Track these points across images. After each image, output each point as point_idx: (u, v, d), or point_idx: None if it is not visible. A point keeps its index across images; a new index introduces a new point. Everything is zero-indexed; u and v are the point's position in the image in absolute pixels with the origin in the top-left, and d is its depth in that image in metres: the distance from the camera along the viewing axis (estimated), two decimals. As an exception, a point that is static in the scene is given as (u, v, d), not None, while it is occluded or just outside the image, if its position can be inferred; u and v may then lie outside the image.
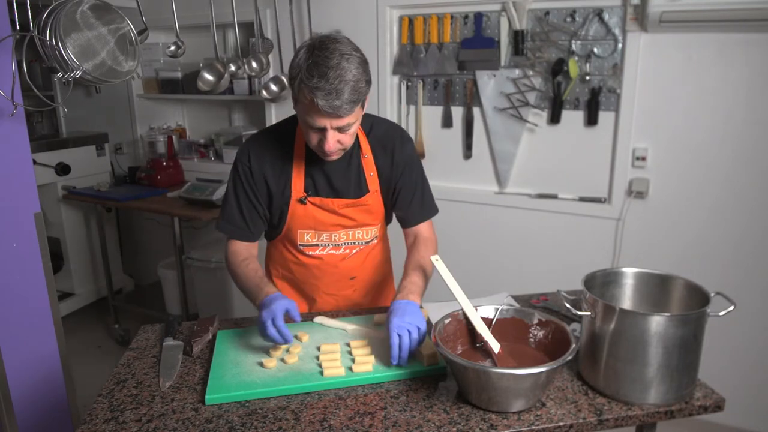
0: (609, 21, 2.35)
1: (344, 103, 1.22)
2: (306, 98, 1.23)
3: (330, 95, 1.20)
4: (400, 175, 1.51)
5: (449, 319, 1.23)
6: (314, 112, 1.24)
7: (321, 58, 1.20)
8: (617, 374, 1.12)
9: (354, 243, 1.56)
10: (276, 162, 1.46)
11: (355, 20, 2.80)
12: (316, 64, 1.20)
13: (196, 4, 2.88)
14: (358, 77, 1.23)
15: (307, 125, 1.30)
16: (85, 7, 1.63)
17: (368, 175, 1.49)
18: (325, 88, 1.19)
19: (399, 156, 1.50)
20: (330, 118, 1.25)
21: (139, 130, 3.63)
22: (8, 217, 1.84)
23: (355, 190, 1.49)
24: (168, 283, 3.28)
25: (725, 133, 2.25)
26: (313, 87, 1.20)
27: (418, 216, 1.55)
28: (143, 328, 1.48)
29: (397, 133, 1.52)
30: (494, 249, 2.80)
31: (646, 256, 2.44)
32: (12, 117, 1.70)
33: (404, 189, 1.52)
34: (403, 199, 1.53)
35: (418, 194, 1.54)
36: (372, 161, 1.49)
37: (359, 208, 1.50)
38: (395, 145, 1.50)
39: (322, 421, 1.08)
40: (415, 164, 1.54)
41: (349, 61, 1.22)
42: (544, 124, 2.58)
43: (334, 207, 1.47)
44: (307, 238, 1.53)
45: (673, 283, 1.25)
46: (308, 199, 1.46)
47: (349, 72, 1.21)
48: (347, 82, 1.21)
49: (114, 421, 1.09)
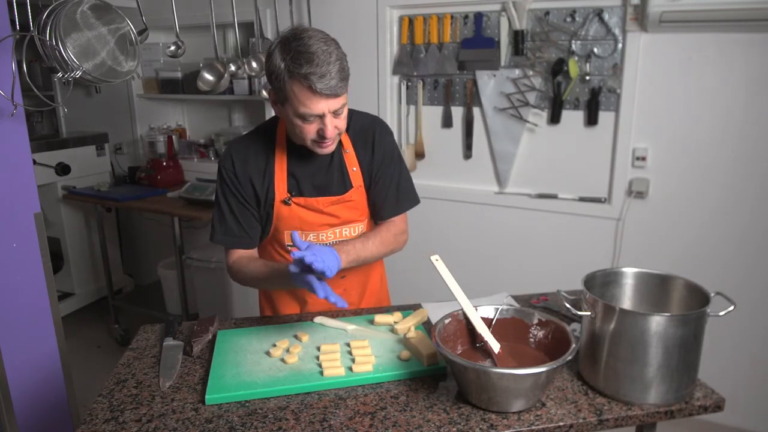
0: (609, 21, 2.35)
1: (338, 81, 1.25)
2: (299, 88, 1.25)
3: (324, 77, 1.23)
4: (379, 167, 1.51)
5: (449, 319, 1.23)
6: (310, 99, 1.26)
7: (302, 47, 1.23)
8: (617, 374, 1.12)
9: (341, 241, 1.55)
10: (259, 164, 1.46)
11: (355, 20, 2.81)
12: (299, 53, 1.23)
13: (196, 4, 2.88)
14: (341, 56, 1.28)
15: (302, 119, 1.30)
16: (85, 7, 1.63)
17: (351, 170, 1.49)
18: (318, 72, 1.22)
19: (378, 148, 1.50)
20: (328, 100, 1.26)
21: (139, 130, 3.63)
22: (8, 217, 1.84)
23: (339, 186, 1.49)
24: (168, 283, 3.28)
25: (725, 133, 2.25)
26: (307, 73, 1.22)
27: (391, 210, 1.55)
28: (143, 328, 1.48)
29: (377, 125, 1.53)
30: (494, 249, 2.80)
31: (646, 256, 2.44)
32: (12, 117, 1.70)
33: (380, 182, 1.52)
34: (378, 192, 1.52)
35: (393, 188, 1.53)
36: (354, 156, 1.49)
37: (344, 205, 1.50)
38: (375, 137, 1.50)
39: (322, 421, 1.08)
40: (393, 157, 1.54)
41: (327, 44, 1.26)
42: (544, 124, 2.58)
43: (319, 206, 1.47)
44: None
45: (673, 283, 1.25)
46: (292, 199, 1.46)
47: (332, 54, 1.25)
48: (334, 62, 1.25)
49: (114, 421, 1.09)
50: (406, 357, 1.26)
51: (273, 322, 1.50)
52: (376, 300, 1.71)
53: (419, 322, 1.42)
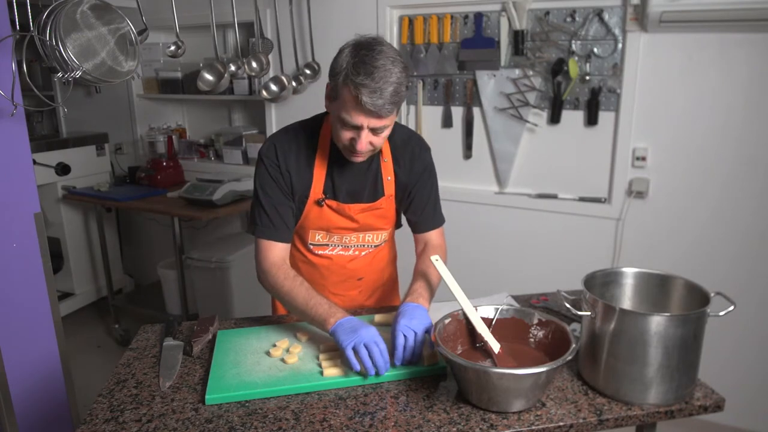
0: (609, 21, 2.35)
1: (386, 102, 1.24)
2: (348, 94, 1.24)
3: (374, 93, 1.22)
4: (416, 182, 1.52)
5: (449, 319, 1.23)
6: (354, 109, 1.25)
7: (368, 58, 1.23)
8: (617, 374, 1.12)
9: (363, 246, 1.57)
10: (300, 160, 1.45)
11: (355, 20, 2.80)
12: (363, 62, 1.22)
13: (196, 4, 2.87)
14: (401, 81, 1.25)
15: (342, 122, 1.30)
16: (85, 7, 1.62)
17: (386, 179, 1.50)
18: (371, 86, 1.21)
19: (418, 163, 1.51)
20: (369, 117, 1.26)
21: (139, 130, 3.63)
22: (8, 217, 1.84)
23: (371, 193, 1.49)
24: (168, 283, 3.28)
25: (725, 133, 2.25)
26: (359, 84, 1.21)
27: (431, 223, 1.57)
28: (143, 328, 1.48)
29: (418, 141, 1.54)
30: (494, 249, 2.80)
31: (646, 256, 2.44)
32: (12, 117, 1.70)
33: (419, 196, 1.53)
34: (417, 205, 1.54)
35: (431, 203, 1.56)
36: (391, 165, 1.50)
37: (373, 212, 1.50)
38: (414, 152, 1.51)
39: (322, 421, 1.08)
40: (432, 173, 1.56)
41: (394, 64, 1.24)
42: (544, 124, 2.58)
43: (350, 212, 1.48)
44: (318, 238, 1.53)
45: (673, 283, 1.25)
46: (325, 201, 1.47)
47: (393, 74, 1.23)
48: (391, 83, 1.23)
49: (114, 421, 1.09)
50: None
51: (273, 322, 1.50)
52: (387, 300, 1.73)
53: (419, 322, 1.42)
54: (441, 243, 1.58)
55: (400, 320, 1.24)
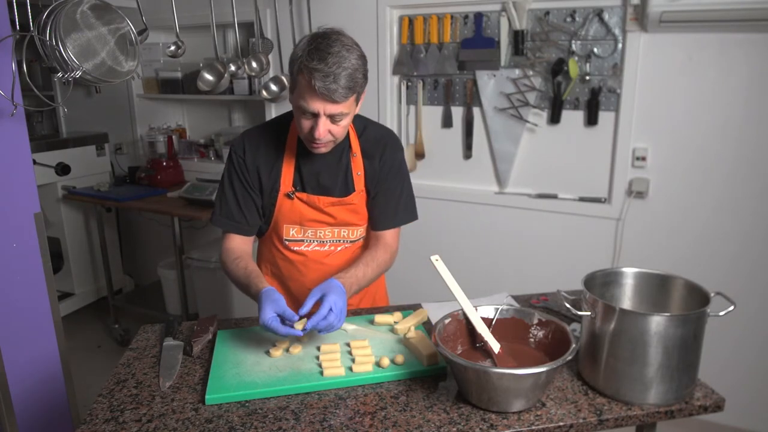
0: (609, 21, 2.35)
1: (340, 87, 1.25)
2: (304, 81, 1.27)
3: (327, 77, 1.24)
4: (383, 179, 1.53)
5: (449, 319, 1.23)
6: (309, 94, 1.27)
7: (323, 45, 1.25)
8: (617, 374, 1.12)
9: (339, 241, 1.57)
10: (269, 155, 1.48)
11: (355, 20, 2.80)
12: (317, 49, 1.25)
13: (196, 4, 2.88)
14: (356, 67, 1.28)
15: (300, 111, 1.32)
16: (85, 7, 1.62)
17: (355, 174, 1.51)
18: (323, 71, 1.23)
19: (387, 161, 1.52)
20: (324, 102, 1.27)
21: (139, 130, 3.63)
22: (8, 217, 1.84)
23: (342, 188, 1.51)
24: (168, 283, 3.28)
25: (725, 133, 2.25)
26: (312, 68, 1.24)
27: (387, 222, 1.57)
28: (143, 328, 1.48)
29: (390, 139, 1.55)
30: (494, 249, 2.80)
31: (646, 256, 2.44)
32: (12, 117, 1.70)
33: (382, 194, 1.54)
34: (379, 203, 1.54)
35: (393, 203, 1.55)
36: (360, 160, 1.51)
37: (345, 207, 1.51)
38: (385, 150, 1.52)
39: (322, 421, 1.08)
40: (400, 173, 1.55)
41: (349, 51, 1.27)
42: (544, 124, 2.58)
43: (320, 205, 1.49)
44: (292, 233, 1.54)
45: (673, 283, 1.25)
46: (295, 194, 1.49)
47: (348, 60, 1.26)
48: (345, 68, 1.25)
49: (114, 421, 1.09)
50: (401, 362, 1.25)
51: (273, 322, 1.50)
52: (371, 300, 1.72)
53: (419, 322, 1.43)
54: (392, 244, 1.57)
55: (330, 295, 1.26)
